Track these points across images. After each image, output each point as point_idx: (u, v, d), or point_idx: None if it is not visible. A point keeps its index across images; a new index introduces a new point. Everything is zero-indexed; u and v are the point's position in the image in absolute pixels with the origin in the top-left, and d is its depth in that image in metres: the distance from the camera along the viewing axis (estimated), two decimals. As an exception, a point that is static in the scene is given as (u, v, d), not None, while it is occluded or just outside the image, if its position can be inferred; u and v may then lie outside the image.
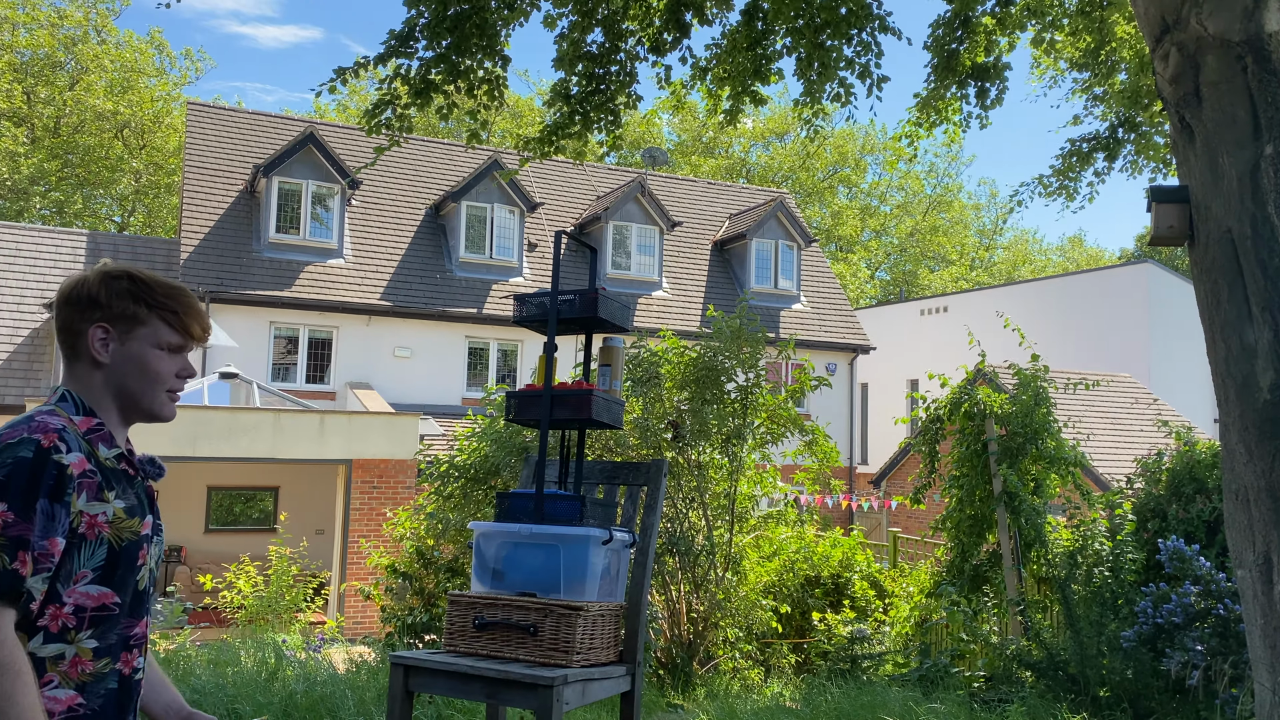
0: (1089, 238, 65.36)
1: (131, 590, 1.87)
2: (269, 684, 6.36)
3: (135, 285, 1.94)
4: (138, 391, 1.93)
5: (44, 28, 32.14)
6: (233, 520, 18.01)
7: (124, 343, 1.92)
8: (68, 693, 1.78)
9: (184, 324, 1.96)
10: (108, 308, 1.91)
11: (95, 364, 1.91)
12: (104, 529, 1.80)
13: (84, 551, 1.78)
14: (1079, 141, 9.67)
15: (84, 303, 1.92)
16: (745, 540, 9.26)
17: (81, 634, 1.79)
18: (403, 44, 6.57)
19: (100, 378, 1.91)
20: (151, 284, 1.96)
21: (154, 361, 1.93)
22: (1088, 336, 23.90)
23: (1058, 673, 7.18)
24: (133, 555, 1.86)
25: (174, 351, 1.96)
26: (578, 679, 2.95)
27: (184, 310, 1.96)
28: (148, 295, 1.94)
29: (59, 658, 1.77)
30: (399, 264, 19.60)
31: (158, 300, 1.94)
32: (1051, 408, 8.92)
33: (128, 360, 1.92)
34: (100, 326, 1.91)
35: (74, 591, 1.78)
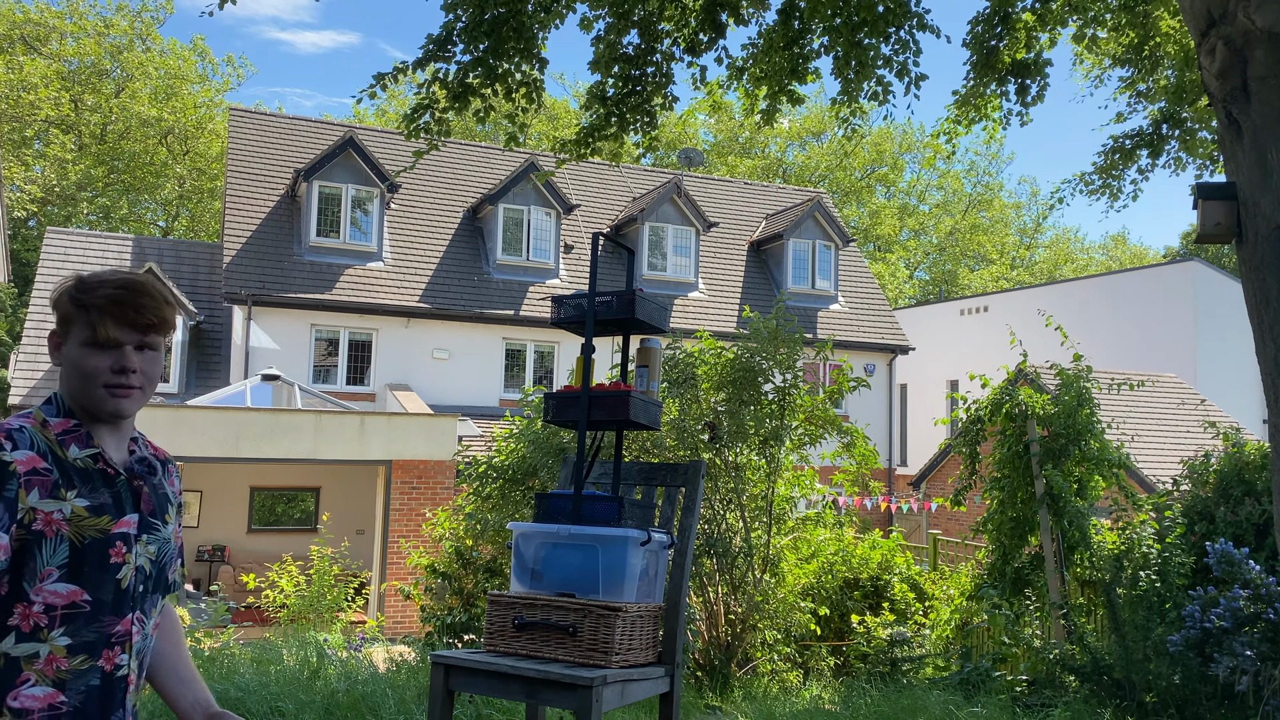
0: (1132, 236, 64.40)
1: (111, 588, 1.86)
2: (311, 682, 6.43)
3: (76, 287, 1.92)
4: (77, 391, 1.92)
5: (91, 37, 32.79)
6: (275, 520, 18.24)
7: (66, 345, 1.93)
8: (46, 690, 1.79)
9: (99, 319, 1.89)
10: (57, 312, 1.94)
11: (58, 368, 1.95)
12: (62, 526, 1.80)
13: (45, 549, 1.79)
14: (1122, 138, 9.52)
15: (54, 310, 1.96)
16: (783, 542, 9.22)
17: (54, 632, 1.80)
18: (440, 48, 6.62)
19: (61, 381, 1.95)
20: (89, 283, 1.93)
21: (82, 359, 1.90)
22: (1132, 336, 23.52)
23: (1102, 677, 7.07)
24: (100, 553, 1.84)
25: (104, 347, 1.90)
26: (617, 679, 2.95)
27: (94, 305, 1.89)
28: (81, 295, 1.91)
29: (33, 656, 1.78)
30: (437, 266, 19.75)
31: (83, 299, 1.90)
32: (1095, 408, 8.79)
33: (67, 361, 1.92)
34: (54, 332, 1.95)
35: (41, 590, 1.79)
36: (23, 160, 31.04)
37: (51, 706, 1.79)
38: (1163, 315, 23.39)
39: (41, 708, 1.78)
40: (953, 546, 13.18)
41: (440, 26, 6.60)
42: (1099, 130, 38.61)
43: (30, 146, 32.01)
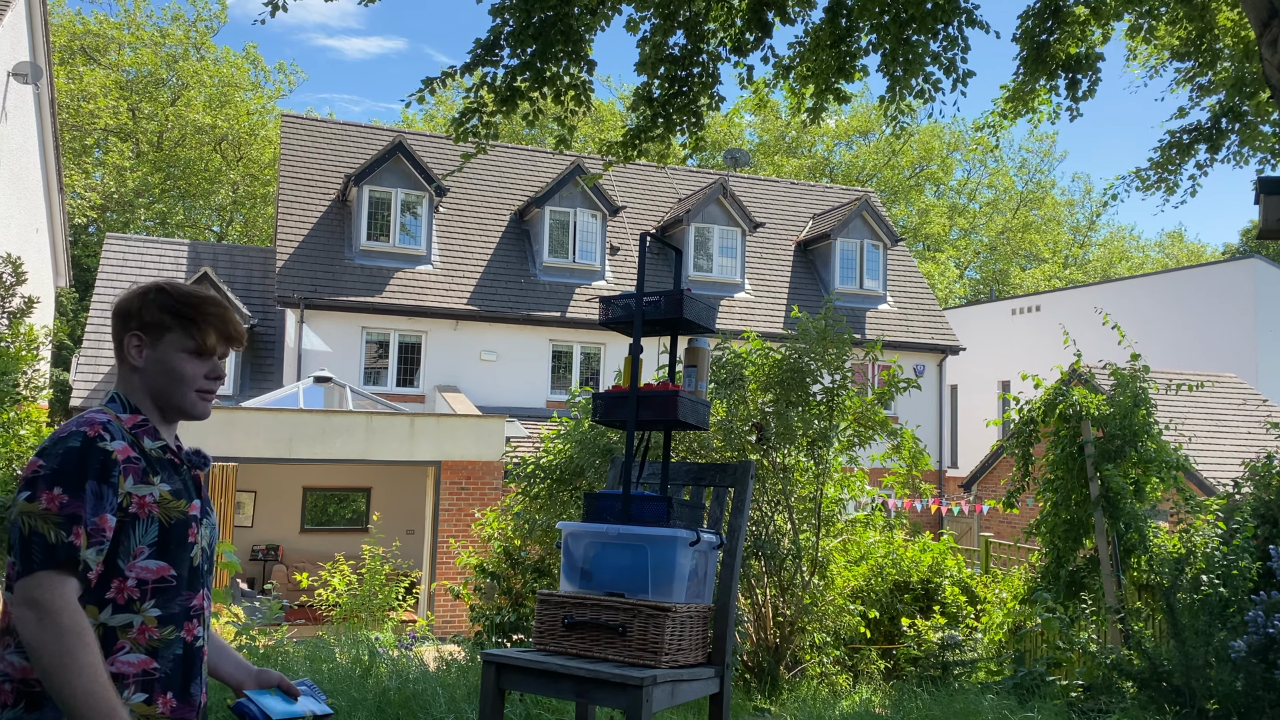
0: (1190, 233, 62.97)
1: (187, 565, 2.07)
2: (363, 680, 6.51)
3: (163, 297, 2.13)
4: (167, 392, 2.12)
5: (148, 47, 33.53)
6: (327, 520, 18.50)
7: (154, 348, 2.12)
8: (140, 657, 1.98)
9: (201, 331, 2.12)
10: (139, 317, 2.12)
11: (133, 368, 2.13)
12: (153, 508, 2.01)
13: (138, 529, 1.99)
14: (1179, 133, 9.32)
15: (124, 314, 2.14)
16: (832, 544, 9.15)
17: (145, 604, 2.00)
18: (489, 52, 6.66)
19: (138, 380, 2.13)
20: (178, 295, 2.14)
21: (179, 365, 2.11)
22: (1190, 336, 23.01)
23: (1161, 683, 6.92)
24: (182, 533, 2.06)
25: (199, 356, 2.13)
26: (667, 680, 2.95)
27: (202, 319, 2.13)
28: (173, 306, 2.12)
29: (128, 626, 1.98)
30: (485, 269, 19.90)
31: (180, 310, 2.12)
32: (1152, 409, 8.61)
33: (157, 364, 2.11)
34: (134, 335, 2.12)
35: (134, 566, 1.99)
36: (83, 168, 31.83)
37: (145, 672, 1.99)
38: (1222, 314, 22.86)
39: (136, 672, 1.98)
40: (1005, 549, 12.99)
41: (489, 31, 6.65)
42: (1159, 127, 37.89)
43: (90, 155, 32.82)
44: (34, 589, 1.85)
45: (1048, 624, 8.26)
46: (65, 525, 1.88)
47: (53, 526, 1.88)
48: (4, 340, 7.59)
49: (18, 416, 7.84)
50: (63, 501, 1.89)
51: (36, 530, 1.88)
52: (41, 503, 1.89)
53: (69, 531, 1.88)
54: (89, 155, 32.75)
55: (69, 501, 1.89)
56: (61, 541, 1.88)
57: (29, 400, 7.98)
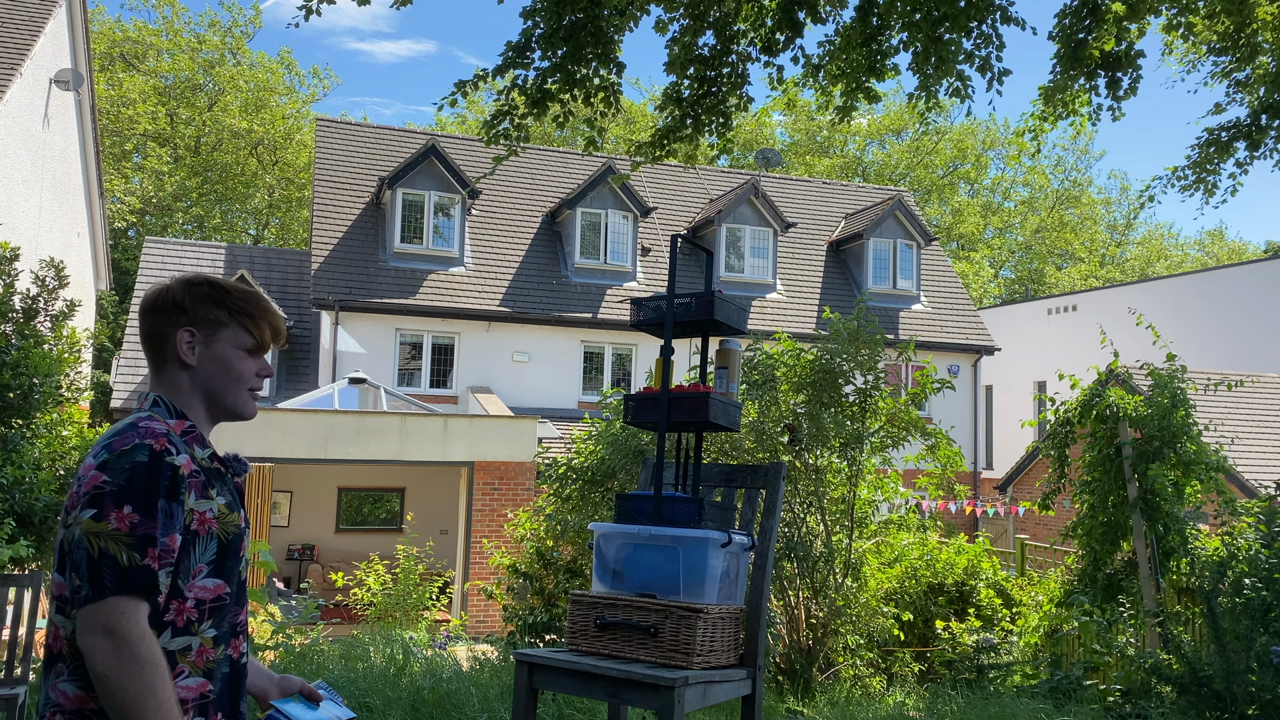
0: (1230, 231, 61.87)
1: (237, 580, 1.98)
2: (397, 679, 6.56)
3: (215, 291, 2.03)
4: (222, 390, 2.03)
5: (185, 53, 34.00)
6: (362, 520, 18.67)
7: (209, 345, 2.01)
8: (198, 680, 1.89)
9: (259, 328, 2.05)
10: (192, 312, 2.00)
11: (183, 366, 2.00)
12: (213, 524, 1.91)
13: (198, 547, 1.89)
14: (1217, 130, 9.17)
15: (170, 309, 2.01)
16: (865, 546, 9.10)
17: (203, 625, 1.90)
18: (519, 55, 6.70)
19: (188, 379, 2.01)
20: (230, 290, 2.05)
21: (236, 362, 2.03)
22: (1231, 335, 22.64)
23: (1201, 688, 6.82)
24: (237, 547, 1.97)
25: (252, 353, 2.06)
26: (699, 681, 2.96)
27: (260, 314, 2.05)
28: (227, 301, 2.03)
29: (186, 649, 1.88)
30: (517, 270, 19.99)
31: (236, 305, 2.03)
32: (1191, 409, 8.49)
33: (213, 361, 2.01)
34: (187, 330, 2.00)
35: (193, 586, 1.88)
36: (123, 173, 32.34)
37: (202, 695, 1.90)
38: (1263, 313, 22.47)
39: (194, 697, 1.88)
40: (1041, 551, 12.85)
41: (519, 33, 6.68)
42: (1194, 124, 37.34)
43: (130, 160, 33.34)
44: (108, 616, 1.74)
45: (1084, 627, 8.17)
46: (138, 547, 1.77)
47: (125, 548, 1.76)
48: (47, 343, 7.73)
49: (60, 418, 7.99)
50: (134, 521, 1.78)
51: (107, 552, 1.76)
52: (111, 522, 1.77)
53: (143, 554, 1.77)
54: (128, 160, 33.27)
55: (140, 521, 1.78)
56: (136, 565, 1.76)
57: (71, 402, 8.13)
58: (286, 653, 6.79)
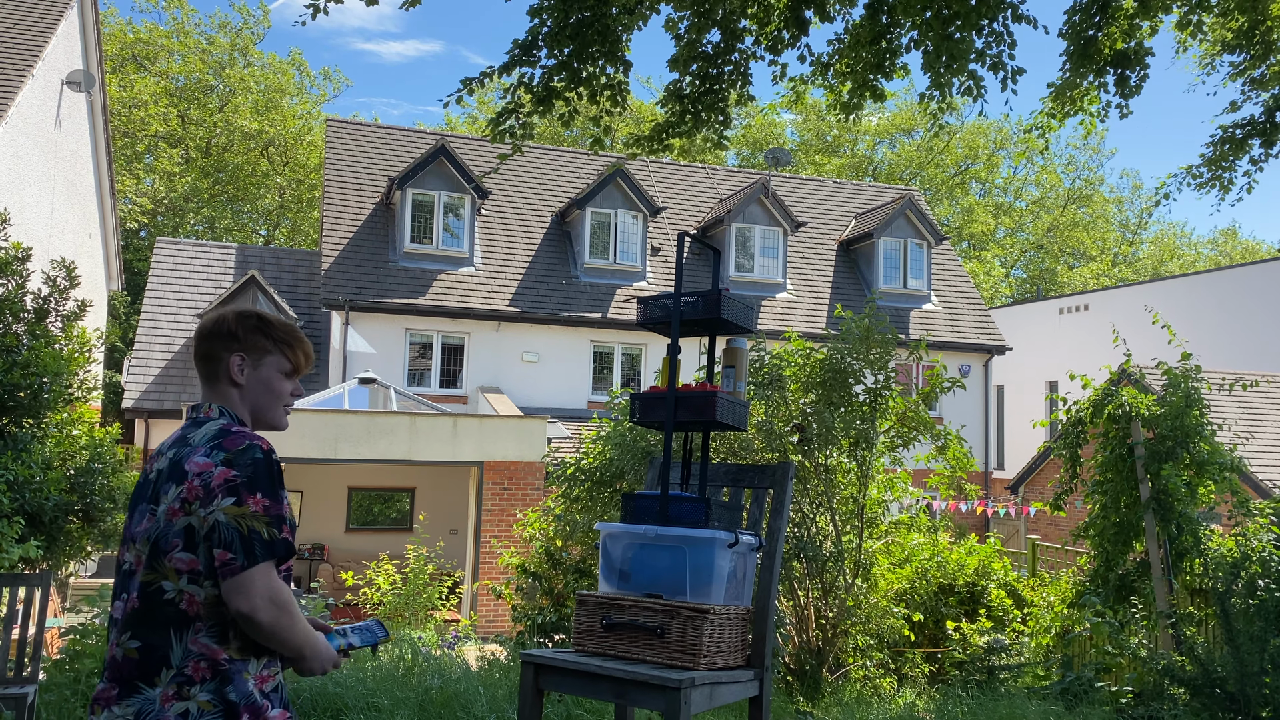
0: (1244, 229, 61.52)
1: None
2: (406, 679, 6.56)
3: (262, 323, 2.46)
4: (264, 406, 2.46)
5: (195, 54, 34.12)
6: (372, 520, 18.70)
7: (256, 368, 2.43)
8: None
9: (295, 355, 2.48)
10: (244, 340, 2.42)
11: (233, 384, 2.42)
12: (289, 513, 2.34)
13: None
14: (1232, 128, 9.09)
15: (225, 335, 2.42)
16: (875, 546, 9.06)
17: None
18: (526, 53, 6.69)
19: (237, 395, 2.42)
20: (273, 322, 2.48)
21: (276, 383, 2.45)
22: (1245, 334, 22.50)
23: (1214, 690, 6.77)
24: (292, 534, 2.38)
25: (289, 376, 2.48)
26: (705, 682, 2.94)
27: (296, 343, 2.48)
28: (272, 331, 2.45)
29: None
30: (526, 270, 20.00)
31: (278, 336, 2.46)
32: (1205, 409, 8.42)
33: (259, 382, 2.44)
34: (238, 355, 2.41)
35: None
36: (134, 174, 32.47)
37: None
38: (1278, 312, 22.32)
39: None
40: (1053, 552, 12.78)
41: (526, 31, 6.67)
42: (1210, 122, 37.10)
43: (141, 161, 33.48)
44: (263, 578, 2.18)
45: (1096, 628, 8.11)
46: (275, 524, 2.22)
47: (264, 525, 2.20)
48: (57, 343, 7.75)
49: (70, 418, 8.01)
50: (266, 504, 2.21)
51: (254, 529, 2.19)
52: (250, 506, 2.19)
53: (279, 529, 2.22)
54: (140, 161, 33.41)
55: (271, 504, 2.22)
56: (276, 538, 2.21)
57: (81, 401, 8.15)
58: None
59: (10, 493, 6.78)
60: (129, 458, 8.72)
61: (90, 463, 7.84)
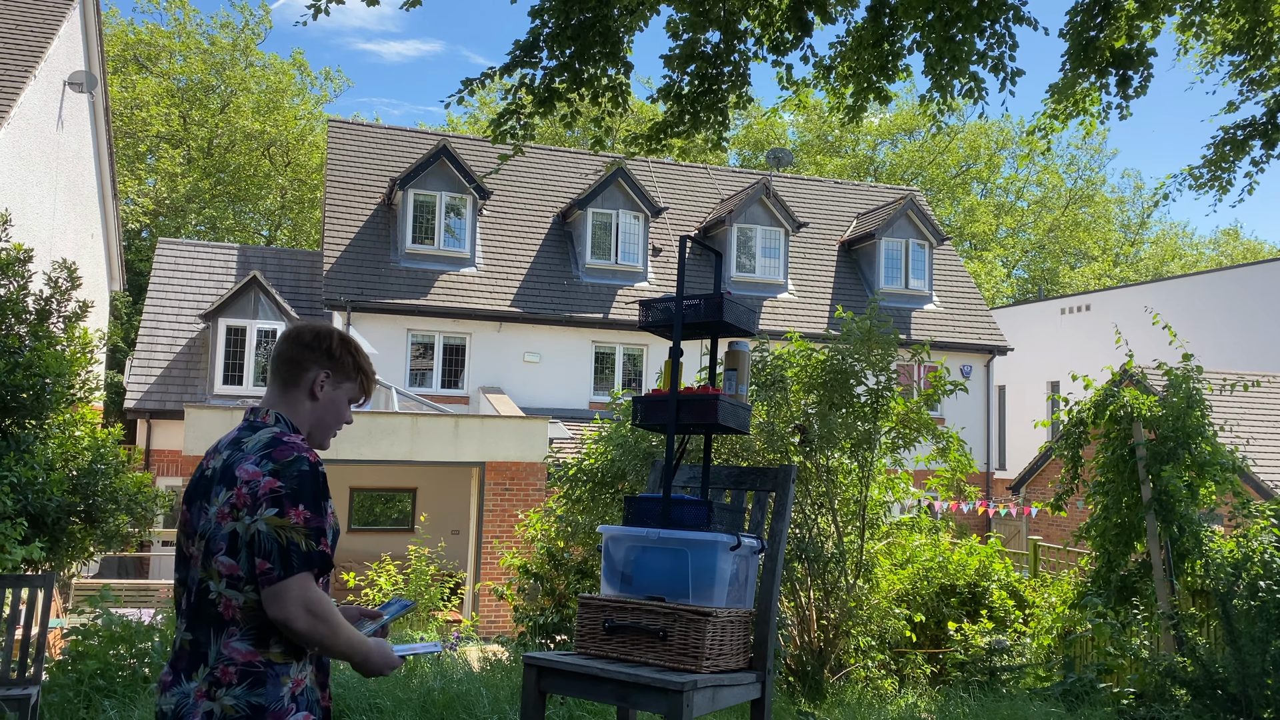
0: (1246, 230, 61.42)
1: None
2: (407, 680, 6.56)
3: (355, 351, 2.57)
4: (327, 425, 2.55)
5: (197, 55, 34.14)
6: (373, 520, 18.70)
7: (335, 388, 2.53)
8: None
9: (368, 387, 2.61)
10: (336, 359, 2.52)
11: (311, 396, 2.51)
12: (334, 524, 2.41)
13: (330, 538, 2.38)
14: (1232, 129, 9.09)
15: (320, 350, 2.52)
16: (877, 547, 9.06)
17: None
18: (527, 54, 6.69)
19: (309, 407, 2.51)
20: (362, 352, 2.60)
21: (343, 409, 2.57)
22: (1246, 335, 22.49)
23: (1216, 691, 6.77)
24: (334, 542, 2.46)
25: (353, 403, 2.60)
26: (707, 684, 2.94)
27: (371, 378, 2.60)
28: (360, 361, 2.57)
29: None
30: (528, 271, 20.00)
31: (360, 365, 2.57)
32: (1206, 410, 8.42)
33: (333, 402, 2.53)
34: (326, 371, 2.51)
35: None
36: (136, 174, 32.49)
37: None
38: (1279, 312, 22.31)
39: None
40: (1054, 553, 12.79)
41: (528, 32, 6.67)
42: (1208, 121, 37.07)
43: (143, 161, 33.49)
44: (300, 589, 2.24)
45: (1098, 629, 8.12)
46: (314, 536, 2.28)
47: (303, 537, 2.26)
48: (59, 343, 7.76)
49: (73, 418, 8.02)
50: (307, 517, 2.28)
51: (293, 540, 2.26)
52: (291, 518, 2.27)
53: (318, 541, 2.29)
54: (142, 162, 33.42)
55: (312, 517, 2.29)
56: (314, 550, 2.28)
57: (83, 402, 8.15)
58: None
59: (13, 494, 6.79)
60: (131, 459, 8.73)
61: (93, 464, 7.85)
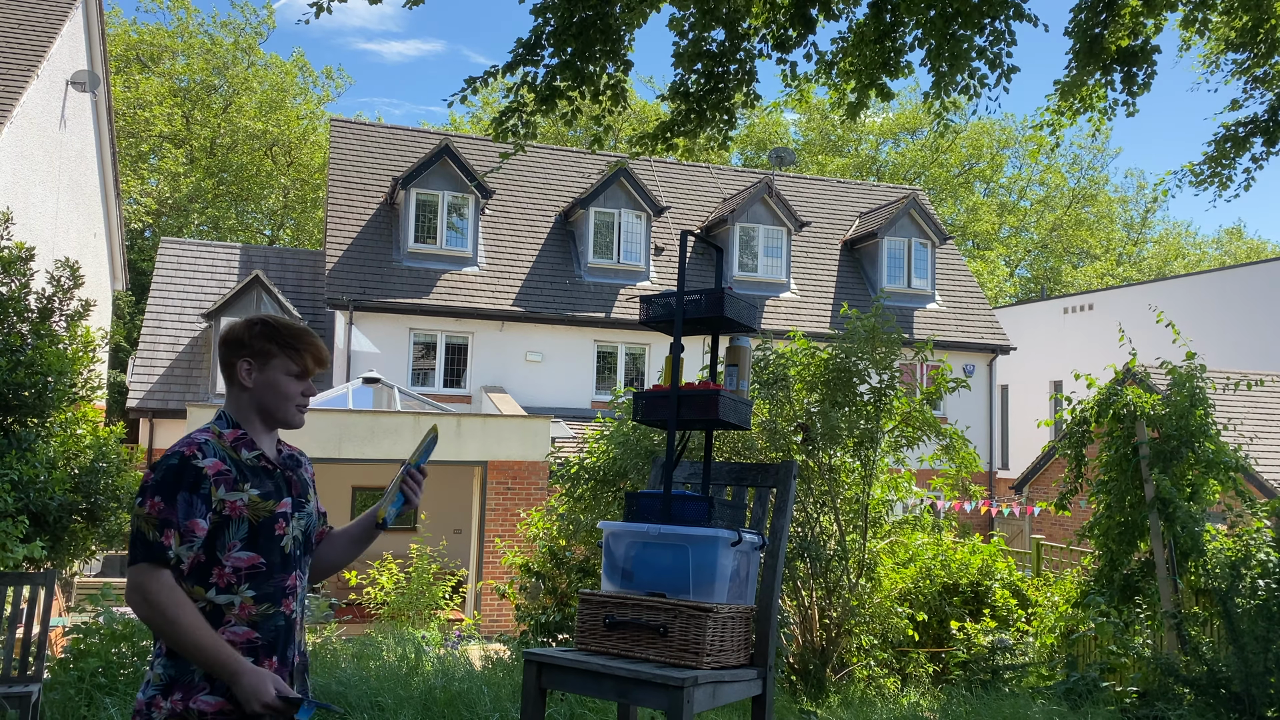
0: (1249, 229, 61.40)
1: (278, 554, 2.51)
2: (409, 678, 6.56)
3: (268, 328, 2.57)
4: (272, 407, 2.58)
5: (200, 55, 34.16)
6: (375, 520, 18.66)
7: (262, 371, 2.56)
8: (244, 629, 2.44)
9: (302, 358, 2.59)
10: (250, 346, 2.55)
11: (242, 388, 2.56)
12: (243, 511, 2.45)
13: (231, 528, 2.44)
14: (1234, 126, 9.07)
15: (234, 343, 2.57)
16: (879, 546, 9.05)
17: (241, 587, 2.45)
18: (530, 52, 6.68)
19: (246, 398, 2.57)
20: (280, 327, 2.58)
21: (283, 385, 2.57)
22: (1249, 334, 22.45)
23: (1219, 690, 6.75)
24: (270, 528, 2.50)
25: (298, 377, 2.59)
26: (708, 680, 2.93)
27: (303, 348, 2.58)
28: (277, 336, 2.56)
29: (230, 604, 2.43)
30: (530, 270, 20.00)
31: (284, 340, 2.57)
32: (1210, 409, 8.40)
33: (265, 385, 2.56)
34: (245, 360, 2.55)
35: (229, 556, 2.44)
36: (139, 174, 32.52)
37: (249, 641, 2.44)
38: (1283, 311, 22.28)
39: (242, 641, 2.43)
40: (1057, 552, 12.77)
41: (530, 30, 6.67)
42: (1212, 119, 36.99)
43: (146, 161, 33.52)
44: (137, 575, 2.33)
45: (1101, 628, 8.10)
46: (159, 528, 2.34)
47: (151, 527, 2.34)
48: (61, 342, 7.76)
49: (74, 416, 8.03)
50: (160, 508, 2.35)
51: (140, 530, 2.35)
52: (145, 508, 2.36)
53: (161, 533, 2.34)
54: (144, 161, 33.45)
55: (164, 509, 2.35)
56: (155, 541, 2.34)
57: (85, 400, 8.16)
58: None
59: (15, 492, 6.79)
60: (133, 457, 8.74)
61: (94, 462, 7.86)
